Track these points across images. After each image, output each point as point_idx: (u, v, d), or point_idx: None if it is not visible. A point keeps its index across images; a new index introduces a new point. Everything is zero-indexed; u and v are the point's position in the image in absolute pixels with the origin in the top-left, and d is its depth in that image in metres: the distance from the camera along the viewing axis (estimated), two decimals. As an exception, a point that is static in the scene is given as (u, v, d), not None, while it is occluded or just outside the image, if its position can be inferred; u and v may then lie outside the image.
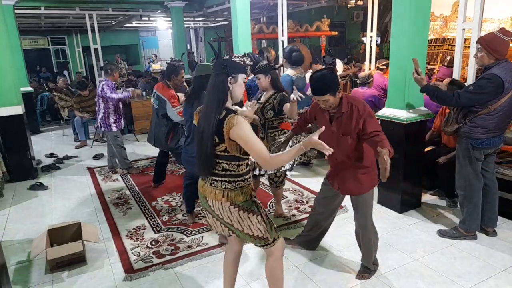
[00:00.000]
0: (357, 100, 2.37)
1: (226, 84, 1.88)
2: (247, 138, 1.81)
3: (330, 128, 2.41)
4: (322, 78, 2.27)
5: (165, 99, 3.85)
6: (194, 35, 16.62)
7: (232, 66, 1.90)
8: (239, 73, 1.92)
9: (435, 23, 6.65)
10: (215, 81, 1.89)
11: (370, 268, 2.66)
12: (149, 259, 2.98)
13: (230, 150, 1.87)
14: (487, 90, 2.68)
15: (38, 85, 10.22)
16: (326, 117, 2.46)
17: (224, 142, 1.85)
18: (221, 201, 1.92)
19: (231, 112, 1.85)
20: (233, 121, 1.81)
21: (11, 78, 4.72)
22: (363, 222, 2.55)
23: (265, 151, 1.83)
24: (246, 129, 1.81)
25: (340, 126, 2.38)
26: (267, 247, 2.05)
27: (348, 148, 2.39)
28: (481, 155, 2.93)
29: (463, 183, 3.03)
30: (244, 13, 5.56)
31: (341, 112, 2.35)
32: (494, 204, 3.12)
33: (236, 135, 1.81)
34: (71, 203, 4.19)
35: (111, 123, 4.88)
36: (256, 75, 3.31)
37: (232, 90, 1.91)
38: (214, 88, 1.89)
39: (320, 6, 10.02)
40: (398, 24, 3.32)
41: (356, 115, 2.30)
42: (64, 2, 8.48)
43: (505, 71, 2.69)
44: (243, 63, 1.95)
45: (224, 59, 1.95)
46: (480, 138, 2.85)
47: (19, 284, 2.75)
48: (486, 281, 2.59)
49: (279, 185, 3.54)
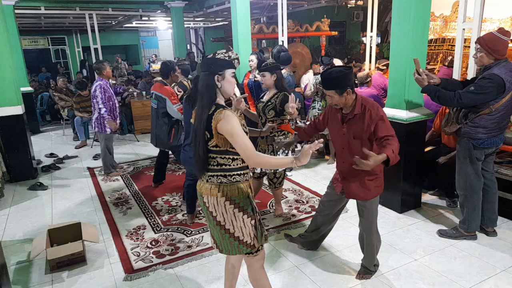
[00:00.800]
0: (371, 103, 2.34)
1: (214, 82, 1.90)
2: (233, 131, 1.81)
3: (341, 129, 2.42)
4: (330, 73, 2.30)
5: (165, 97, 3.86)
6: (194, 35, 16.63)
7: (217, 64, 1.91)
8: (225, 69, 1.92)
9: (435, 23, 6.65)
10: (203, 80, 1.92)
11: (371, 269, 2.66)
12: (149, 259, 2.98)
13: (220, 145, 1.88)
14: (489, 90, 2.67)
15: (38, 85, 10.22)
16: (338, 117, 2.45)
17: (214, 137, 1.87)
18: (216, 196, 1.91)
19: (220, 107, 1.87)
20: (220, 115, 1.82)
21: (11, 78, 4.72)
22: (368, 227, 2.55)
23: (250, 146, 1.82)
24: (232, 123, 1.81)
25: (351, 128, 2.37)
26: (249, 256, 2.04)
27: (358, 153, 2.35)
28: (481, 155, 2.93)
29: (464, 184, 3.03)
30: (244, 13, 5.56)
31: (353, 114, 2.34)
32: (494, 204, 3.12)
33: (222, 129, 1.82)
34: (71, 203, 4.20)
35: (105, 124, 4.81)
36: (261, 72, 3.33)
37: (222, 87, 1.92)
38: (203, 87, 1.92)
39: (320, 6, 10.03)
40: (398, 24, 3.32)
41: (368, 118, 2.28)
42: (64, 2, 8.49)
43: (505, 70, 2.68)
44: (228, 58, 1.95)
45: (208, 58, 1.96)
46: (481, 138, 2.85)
47: (19, 284, 2.75)
48: (486, 281, 2.59)
49: (278, 186, 3.54)
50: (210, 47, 14.77)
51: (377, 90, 5.38)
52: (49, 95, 9.31)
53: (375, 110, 2.30)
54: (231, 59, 1.95)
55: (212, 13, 10.82)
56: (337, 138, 2.50)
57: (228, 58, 1.95)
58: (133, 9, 9.64)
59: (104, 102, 4.69)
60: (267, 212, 3.76)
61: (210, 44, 14.16)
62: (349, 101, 2.33)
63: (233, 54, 1.98)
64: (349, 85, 2.30)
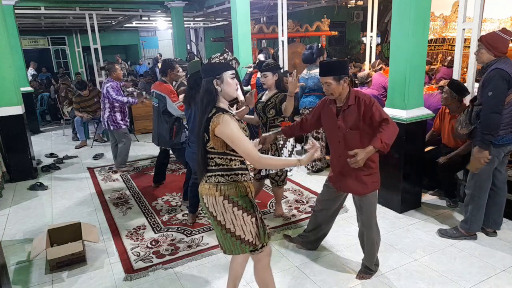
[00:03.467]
0: (363, 93, 2.40)
1: (213, 87, 1.91)
2: (232, 137, 1.83)
3: (336, 123, 2.43)
4: (329, 61, 2.40)
5: (165, 95, 3.87)
6: (194, 35, 16.62)
7: (213, 69, 1.92)
8: (223, 72, 1.92)
9: (435, 23, 6.65)
10: (203, 86, 1.94)
11: (372, 268, 2.66)
12: (149, 259, 2.98)
13: (216, 147, 1.90)
14: (502, 85, 2.65)
15: (39, 85, 10.22)
16: (332, 110, 2.46)
17: (210, 140, 1.89)
18: (214, 196, 1.92)
19: (219, 111, 1.87)
20: (218, 119, 1.83)
21: (11, 78, 4.72)
22: (367, 223, 2.54)
23: (252, 149, 1.85)
24: (232, 127, 1.82)
25: (347, 120, 2.38)
26: (255, 253, 2.04)
27: (355, 145, 2.36)
28: (500, 153, 2.88)
29: (473, 183, 2.99)
30: (244, 13, 5.56)
31: (348, 105, 2.37)
32: (501, 207, 3.09)
33: (221, 133, 1.83)
34: (71, 203, 4.20)
35: (119, 121, 4.94)
36: (263, 72, 3.33)
37: (222, 90, 1.93)
38: (202, 92, 1.95)
39: (320, 6, 10.03)
40: (398, 24, 3.32)
41: (363, 106, 2.32)
42: (64, 2, 8.49)
43: (507, 65, 2.69)
44: (224, 60, 1.95)
45: (205, 64, 1.97)
46: (500, 135, 2.79)
47: (19, 284, 2.75)
48: (486, 281, 2.59)
49: (281, 184, 3.54)
50: (210, 47, 14.77)
51: (378, 89, 5.37)
52: (49, 95, 9.31)
53: (368, 98, 2.36)
54: (227, 61, 1.95)
55: (212, 13, 10.82)
56: (332, 132, 2.51)
57: (224, 60, 1.94)
58: (133, 9, 9.64)
59: (119, 95, 4.86)
60: (267, 212, 3.76)
61: (210, 44, 14.16)
62: (345, 90, 2.37)
63: (228, 55, 1.97)
64: (346, 73, 2.37)
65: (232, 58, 1.98)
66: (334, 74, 2.32)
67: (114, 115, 4.90)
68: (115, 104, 4.89)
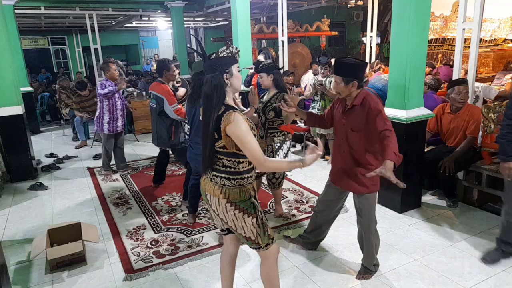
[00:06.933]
0: (372, 96, 2.38)
1: (223, 81, 1.88)
2: (242, 137, 1.80)
3: (341, 120, 2.46)
4: (345, 59, 2.36)
5: (162, 97, 3.86)
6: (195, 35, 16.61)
7: (223, 63, 1.89)
8: (231, 66, 1.90)
9: (435, 23, 6.66)
10: (211, 82, 1.87)
11: (371, 269, 2.66)
12: (149, 259, 2.98)
13: (227, 147, 1.88)
14: None
15: (39, 85, 10.22)
16: (340, 108, 2.50)
17: (222, 139, 1.86)
18: (218, 197, 1.92)
19: (230, 109, 1.85)
20: (230, 117, 1.81)
21: (11, 78, 4.72)
22: (366, 225, 2.54)
23: (259, 151, 1.83)
24: (242, 127, 1.80)
25: (350, 120, 2.39)
26: (260, 251, 2.05)
27: (355, 146, 2.37)
28: None
29: None
30: (244, 13, 5.56)
31: (352, 105, 2.38)
32: None
33: (232, 132, 1.81)
34: (71, 203, 4.20)
35: (104, 123, 4.86)
36: (258, 73, 3.33)
37: (231, 84, 1.91)
38: (211, 88, 1.87)
39: (320, 6, 10.03)
40: (398, 24, 3.32)
41: (367, 110, 2.31)
42: (64, 2, 8.49)
43: None
44: (231, 53, 1.94)
45: (212, 59, 1.92)
46: None
47: (19, 284, 2.75)
48: (486, 281, 2.59)
49: (277, 187, 3.54)
50: (210, 47, 14.76)
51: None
52: (49, 95, 9.31)
53: (374, 103, 2.32)
54: (233, 54, 1.94)
55: (212, 13, 10.82)
56: (338, 129, 2.54)
57: (230, 54, 1.93)
58: (133, 9, 9.64)
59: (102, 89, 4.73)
60: (267, 212, 3.75)
61: (210, 44, 14.16)
62: (353, 93, 2.36)
63: (233, 48, 1.96)
64: (357, 78, 2.32)
65: (237, 51, 1.97)
66: (344, 75, 2.31)
67: (102, 116, 4.85)
68: (104, 103, 4.82)
